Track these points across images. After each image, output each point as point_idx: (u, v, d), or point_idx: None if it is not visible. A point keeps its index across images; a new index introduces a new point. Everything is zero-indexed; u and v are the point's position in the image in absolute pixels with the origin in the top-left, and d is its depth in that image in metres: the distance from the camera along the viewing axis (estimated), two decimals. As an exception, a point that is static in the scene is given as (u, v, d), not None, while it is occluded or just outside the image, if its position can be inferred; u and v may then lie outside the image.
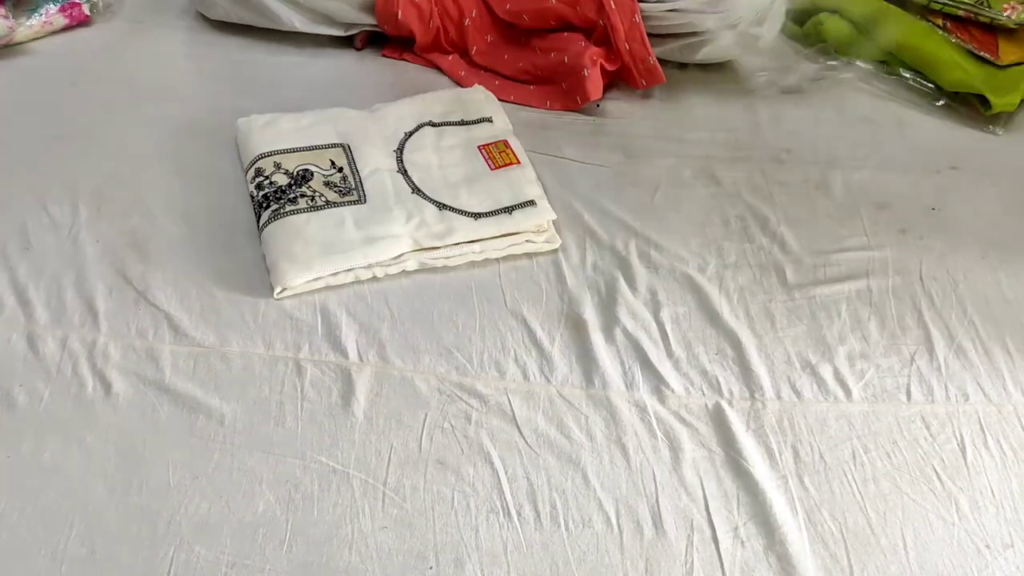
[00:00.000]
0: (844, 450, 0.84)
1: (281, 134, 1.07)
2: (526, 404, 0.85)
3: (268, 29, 1.29)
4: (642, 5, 1.20)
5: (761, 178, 1.14)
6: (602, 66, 1.22)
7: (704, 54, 1.24)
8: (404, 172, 1.05)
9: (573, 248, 1.02)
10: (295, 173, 1.01)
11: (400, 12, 1.25)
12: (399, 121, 1.11)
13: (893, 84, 1.34)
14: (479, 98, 1.17)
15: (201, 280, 0.94)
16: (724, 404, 0.87)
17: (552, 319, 0.94)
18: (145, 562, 0.71)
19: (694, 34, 1.22)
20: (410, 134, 1.09)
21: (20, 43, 1.28)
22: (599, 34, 1.23)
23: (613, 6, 1.19)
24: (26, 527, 0.73)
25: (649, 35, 1.22)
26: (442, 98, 1.16)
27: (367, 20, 1.28)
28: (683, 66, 1.31)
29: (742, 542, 0.76)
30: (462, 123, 1.12)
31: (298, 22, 1.27)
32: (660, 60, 1.24)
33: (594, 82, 1.20)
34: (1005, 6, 1.30)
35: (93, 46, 1.30)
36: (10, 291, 0.91)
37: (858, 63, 1.36)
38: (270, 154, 1.04)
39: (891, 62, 1.35)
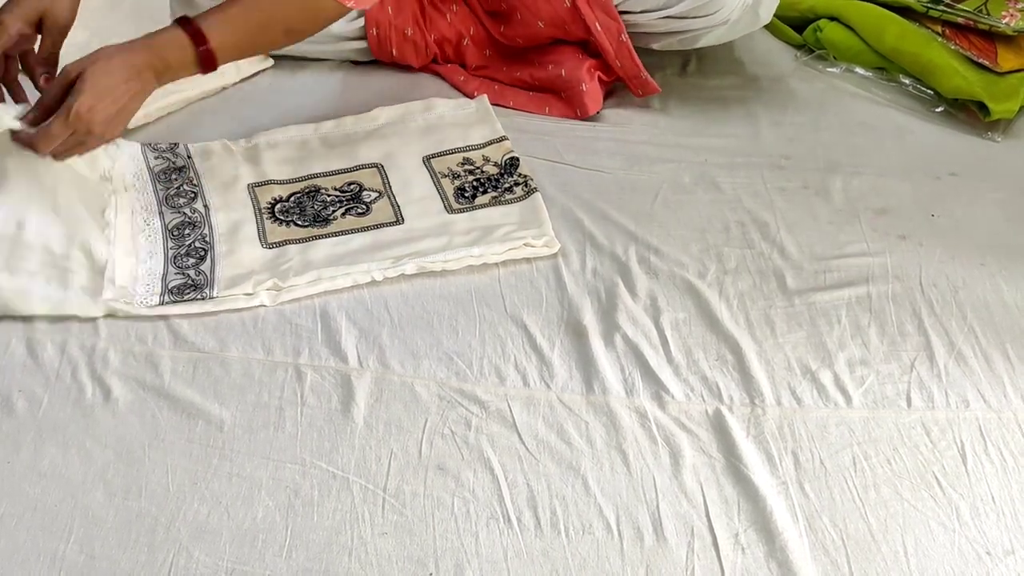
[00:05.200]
0: (844, 456, 0.84)
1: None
2: (526, 410, 0.85)
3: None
4: (635, 17, 1.20)
5: (761, 184, 1.14)
6: (600, 77, 1.22)
7: (704, 42, 1.24)
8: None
9: (573, 254, 1.02)
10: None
11: (395, 50, 1.25)
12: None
13: (892, 91, 1.34)
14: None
15: (201, 285, 0.93)
16: (724, 410, 0.86)
17: (552, 325, 0.94)
18: (144, 567, 0.71)
19: (692, 29, 1.21)
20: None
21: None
22: (595, 46, 1.23)
23: (599, 28, 1.19)
24: (25, 532, 0.73)
25: (647, 34, 1.22)
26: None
27: (364, 58, 1.28)
28: (682, 71, 1.32)
29: (743, 549, 0.76)
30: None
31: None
32: (663, 53, 1.24)
33: (592, 96, 1.20)
34: (1004, 13, 1.30)
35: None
36: (9, 296, 0.91)
37: (857, 70, 1.37)
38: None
39: (890, 69, 1.35)
